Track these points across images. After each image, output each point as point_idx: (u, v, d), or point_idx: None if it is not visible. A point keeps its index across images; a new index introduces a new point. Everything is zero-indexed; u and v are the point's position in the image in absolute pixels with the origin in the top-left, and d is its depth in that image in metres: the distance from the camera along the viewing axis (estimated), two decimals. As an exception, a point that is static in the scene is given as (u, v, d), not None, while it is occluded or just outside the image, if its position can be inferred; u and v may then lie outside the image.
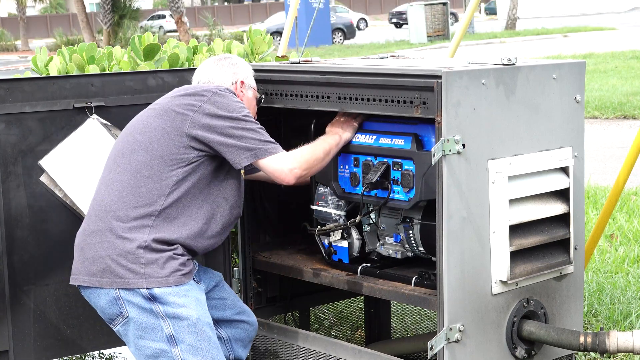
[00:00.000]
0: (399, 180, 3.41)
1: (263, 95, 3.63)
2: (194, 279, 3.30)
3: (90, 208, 3.30)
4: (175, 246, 3.21)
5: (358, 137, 3.56)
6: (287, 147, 3.43)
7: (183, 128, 3.22)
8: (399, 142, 3.41)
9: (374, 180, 3.43)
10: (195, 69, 3.58)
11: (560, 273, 3.46)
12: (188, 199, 3.24)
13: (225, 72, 3.48)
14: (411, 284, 3.44)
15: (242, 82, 3.49)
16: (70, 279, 3.28)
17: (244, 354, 3.63)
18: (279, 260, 3.93)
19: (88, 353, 4.53)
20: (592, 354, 4.20)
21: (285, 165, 3.27)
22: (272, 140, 3.29)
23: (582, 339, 3.28)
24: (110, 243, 3.17)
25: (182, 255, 3.22)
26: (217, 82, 3.45)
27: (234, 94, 3.39)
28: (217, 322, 3.51)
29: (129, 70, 4.36)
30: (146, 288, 3.14)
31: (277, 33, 31.52)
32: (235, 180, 3.37)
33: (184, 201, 3.23)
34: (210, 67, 3.50)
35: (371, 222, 3.62)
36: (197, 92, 3.29)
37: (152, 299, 3.15)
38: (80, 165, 3.65)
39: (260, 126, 3.30)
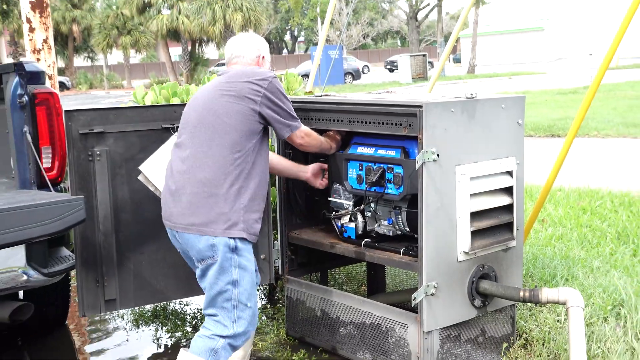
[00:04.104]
0: (392, 180, 3.39)
1: (274, 68, 3.57)
2: None
3: (185, 176, 3.07)
4: (259, 212, 3.09)
5: (362, 149, 3.54)
6: (308, 156, 3.45)
7: (255, 108, 3.09)
8: (392, 153, 3.39)
9: (373, 180, 3.41)
10: None
11: (507, 246, 3.43)
12: (259, 157, 3.13)
13: (252, 49, 3.33)
14: (400, 254, 3.42)
15: (263, 57, 3.36)
16: (173, 226, 3.09)
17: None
18: (306, 236, 3.91)
19: (172, 300, 4.54)
20: (529, 304, 4.16)
21: (300, 137, 3.25)
22: (296, 116, 3.23)
23: (521, 293, 3.25)
24: (216, 204, 3.02)
25: (260, 218, 3.11)
26: (247, 56, 3.31)
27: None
28: None
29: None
30: (234, 239, 3.01)
31: (305, 75, 31.41)
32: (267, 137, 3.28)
33: (257, 159, 3.12)
34: (241, 43, 3.34)
35: (371, 209, 3.61)
36: (260, 78, 3.13)
37: (234, 250, 3.02)
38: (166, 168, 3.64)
39: (291, 103, 3.21)
